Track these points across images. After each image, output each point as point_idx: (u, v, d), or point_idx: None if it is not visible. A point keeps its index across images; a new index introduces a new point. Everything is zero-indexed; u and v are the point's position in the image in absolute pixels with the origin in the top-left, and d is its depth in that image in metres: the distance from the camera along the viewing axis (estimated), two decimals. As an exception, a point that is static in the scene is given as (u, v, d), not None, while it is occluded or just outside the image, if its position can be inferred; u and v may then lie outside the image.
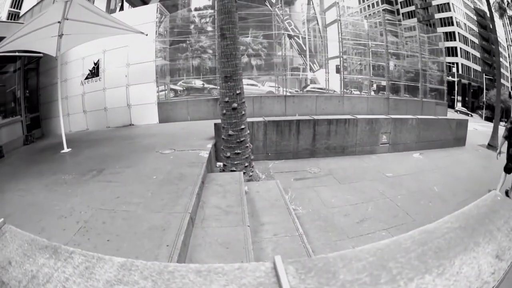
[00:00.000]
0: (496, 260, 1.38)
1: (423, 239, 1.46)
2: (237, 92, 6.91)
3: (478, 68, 65.98)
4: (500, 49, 53.12)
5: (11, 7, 46.64)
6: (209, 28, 20.39)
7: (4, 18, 42.52)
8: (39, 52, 9.92)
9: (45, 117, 12.92)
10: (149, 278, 1.27)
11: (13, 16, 42.63)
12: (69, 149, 8.28)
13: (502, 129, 16.88)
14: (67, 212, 4.17)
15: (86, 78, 13.07)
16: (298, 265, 1.30)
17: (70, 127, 12.73)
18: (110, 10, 22.06)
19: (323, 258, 1.35)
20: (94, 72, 13.03)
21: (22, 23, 9.66)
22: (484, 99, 57.69)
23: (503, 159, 7.60)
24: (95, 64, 13.03)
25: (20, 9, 43.59)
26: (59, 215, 4.10)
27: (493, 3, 17.96)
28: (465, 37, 64.79)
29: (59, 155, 8.03)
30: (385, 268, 1.29)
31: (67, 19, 7.86)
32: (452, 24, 64.03)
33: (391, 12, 73.61)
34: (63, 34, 8.31)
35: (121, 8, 27.24)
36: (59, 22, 7.89)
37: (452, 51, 61.85)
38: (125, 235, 3.53)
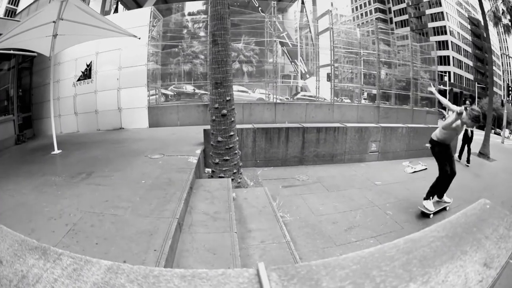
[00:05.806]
0: (484, 268, 1.39)
1: (408, 248, 1.48)
2: (227, 98, 6.94)
3: (471, 76, 66.50)
4: (493, 57, 53.64)
5: (8, 3, 46.51)
6: (202, 34, 20.24)
7: (1, 14, 42.35)
8: (33, 51, 9.88)
9: (37, 117, 12.80)
10: (135, 281, 1.28)
11: (11, 13, 42.44)
12: (60, 151, 8.24)
13: (493, 137, 17.01)
14: (56, 214, 4.18)
15: (78, 79, 12.98)
16: (281, 272, 1.30)
17: (61, 128, 12.68)
18: (104, 12, 21.95)
19: (306, 265, 1.36)
20: (87, 74, 12.95)
21: (19, 21, 9.61)
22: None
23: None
24: (87, 66, 12.94)
25: (17, 6, 43.42)
26: (49, 217, 4.11)
27: (487, 12, 18.14)
28: (458, 46, 65.36)
29: (49, 156, 8.00)
30: (369, 276, 1.30)
31: (62, 19, 7.85)
32: (445, 33, 64.56)
33: (384, 21, 74.20)
34: (57, 34, 8.29)
35: (116, 10, 27.19)
36: (54, 22, 7.87)
37: (444, 60, 62.38)
38: (113, 238, 3.54)
